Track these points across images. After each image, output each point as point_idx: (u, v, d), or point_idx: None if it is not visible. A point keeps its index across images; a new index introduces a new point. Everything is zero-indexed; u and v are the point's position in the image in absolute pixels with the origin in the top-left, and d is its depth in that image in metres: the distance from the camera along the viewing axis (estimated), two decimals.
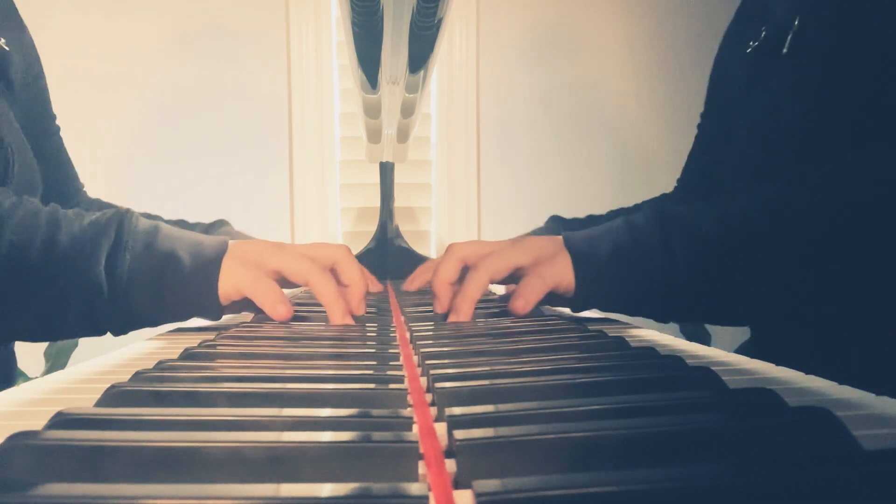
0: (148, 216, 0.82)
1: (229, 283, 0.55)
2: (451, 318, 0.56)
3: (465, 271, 0.60)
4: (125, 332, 0.55)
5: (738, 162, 0.73)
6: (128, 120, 1.41)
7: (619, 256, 0.55)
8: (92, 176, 1.39)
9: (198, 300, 0.55)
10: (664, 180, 1.54)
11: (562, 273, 0.56)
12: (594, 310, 0.60)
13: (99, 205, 0.91)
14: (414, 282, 0.82)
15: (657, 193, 1.00)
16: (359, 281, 0.58)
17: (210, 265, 0.54)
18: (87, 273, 0.52)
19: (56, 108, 0.88)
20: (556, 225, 0.90)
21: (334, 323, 0.55)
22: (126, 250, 0.53)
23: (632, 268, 0.55)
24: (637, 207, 0.91)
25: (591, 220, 0.91)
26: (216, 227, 0.85)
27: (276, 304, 0.55)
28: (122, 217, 0.55)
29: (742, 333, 1.40)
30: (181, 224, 0.86)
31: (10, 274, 0.51)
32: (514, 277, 0.59)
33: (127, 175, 1.41)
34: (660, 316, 0.58)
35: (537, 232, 0.88)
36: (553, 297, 0.59)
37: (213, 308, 0.55)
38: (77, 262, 0.52)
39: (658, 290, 0.55)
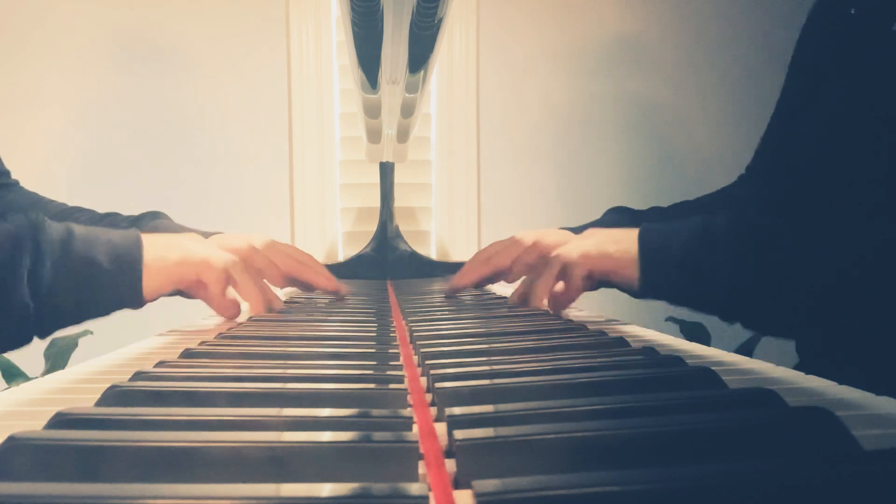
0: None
1: (158, 278, 0.57)
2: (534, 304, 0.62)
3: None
4: (50, 335, 0.56)
5: (818, 141, 0.70)
6: (127, 119, 1.41)
7: (690, 258, 0.56)
8: (90, 178, 1.40)
9: (124, 297, 0.56)
10: (667, 180, 1.55)
11: (621, 263, 0.59)
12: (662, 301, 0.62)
13: (30, 197, 0.87)
14: (465, 277, 0.75)
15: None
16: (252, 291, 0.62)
17: (133, 265, 0.56)
18: (13, 296, 0.52)
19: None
20: (618, 216, 0.83)
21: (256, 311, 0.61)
22: (46, 259, 0.53)
23: (700, 272, 0.56)
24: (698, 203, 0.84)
25: (657, 211, 0.83)
26: (145, 219, 0.82)
27: (204, 270, 0.59)
28: (36, 227, 0.54)
29: (742, 333, 1.40)
30: (112, 217, 0.83)
31: None
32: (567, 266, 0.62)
33: (126, 176, 1.41)
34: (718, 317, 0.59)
35: (597, 223, 0.82)
36: (613, 285, 0.63)
37: (137, 303, 0.57)
38: (1, 286, 0.51)
39: (721, 296, 0.56)
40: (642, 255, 0.58)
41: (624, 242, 0.60)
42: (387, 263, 1.10)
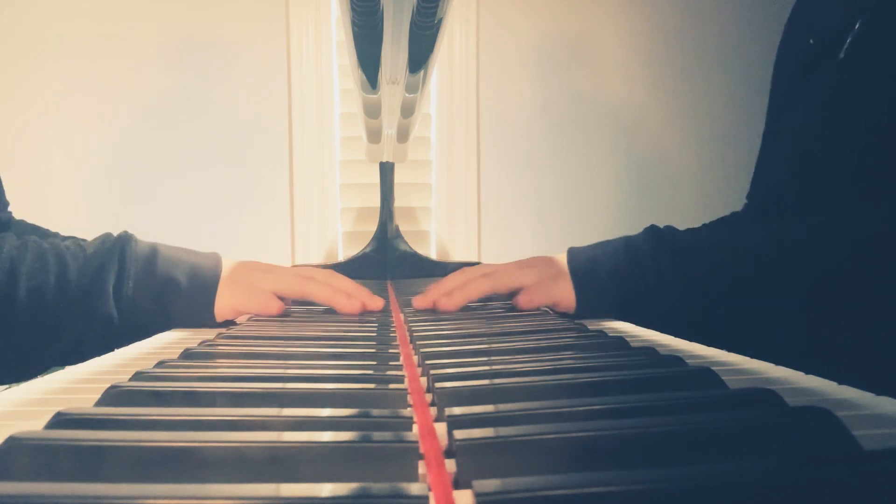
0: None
1: (226, 305, 0.60)
2: (442, 303, 0.61)
3: None
4: (123, 346, 0.59)
5: (781, 168, 0.72)
6: (127, 120, 1.41)
7: (617, 277, 0.60)
8: (90, 180, 1.40)
9: (195, 318, 0.59)
10: (664, 181, 1.54)
11: (562, 293, 0.62)
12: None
13: (24, 227, 0.88)
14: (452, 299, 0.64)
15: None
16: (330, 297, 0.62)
17: (208, 290, 0.59)
18: (99, 309, 0.55)
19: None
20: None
21: (346, 311, 0.61)
22: (129, 278, 0.57)
23: (627, 288, 0.60)
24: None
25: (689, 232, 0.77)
26: None
27: (268, 302, 0.60)
28: (123, 245, 0.58)
29: None
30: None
31: (30, 317, 0.54)
32: (515, 294, 0.64)
33: (124, 175, 1.41)
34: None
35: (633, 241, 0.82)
36: (555, 313, 0.64)
37: (209, 324, 0.60)
38: (89, 298, 0.55)
39: (649, 309, 0.59)
40: (574, 279, 0.62)
41: (559, 271, 0.63)
42: (387, 263, 1.10)
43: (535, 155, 1.51)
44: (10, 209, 0.89)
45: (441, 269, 1.08)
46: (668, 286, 0.58)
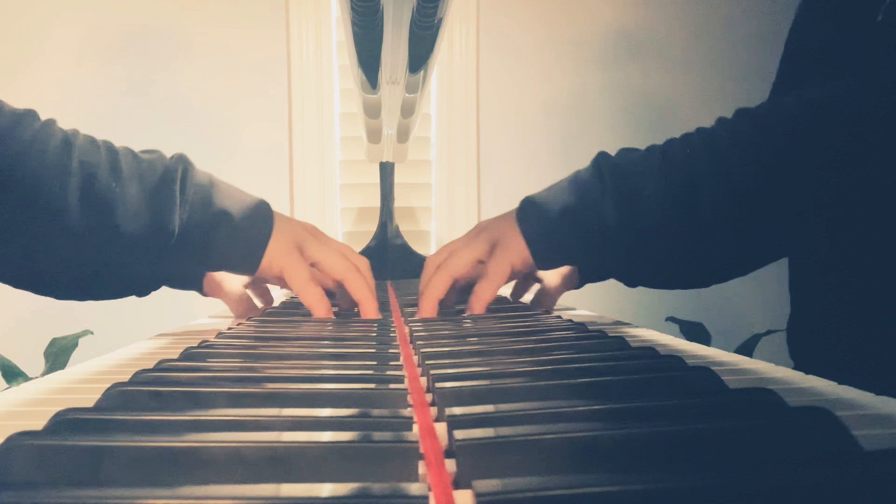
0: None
1: (274, 262, 0.56)
2: (417, 315, 0.58)
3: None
4: (166, 284, 0.58)
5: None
6: (125, 120, 1.41)
7: (567, 213, 0.57)
8: None
9: (239, 263, 0.56)
10: None
11: (516, 254, 0.58)
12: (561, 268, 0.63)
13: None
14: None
15: None
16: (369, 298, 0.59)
17: (260, 235, 0.55)
18: (165, 218, 0.52)
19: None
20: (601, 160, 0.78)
21: (370, 315, 0.58)
22: (188, 202, 0.53)
23: (577, 221, 0.56)
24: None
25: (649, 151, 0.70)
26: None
27: (318, 303, 0.57)
28: (186, 166, 0.55)
29: (742, 334, 1.40)
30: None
31: (84, 193, 0.50)
32: (481, 268, 0.60)
33: None
34: (606, 271, 0.60)
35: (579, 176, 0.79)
36: (524, 273, 0.62)
37: (250, 272, 0.57)
38: (155, 203, 0.52)
39: (600, 240, 0.56)
40: (521, 222, 0.58)
41: (506, 226, 0.59)
42: (387, 263, 1.10)
43: (536, 155, 1.51)
44: None
45: None
46: (608, 198, 0.55)
